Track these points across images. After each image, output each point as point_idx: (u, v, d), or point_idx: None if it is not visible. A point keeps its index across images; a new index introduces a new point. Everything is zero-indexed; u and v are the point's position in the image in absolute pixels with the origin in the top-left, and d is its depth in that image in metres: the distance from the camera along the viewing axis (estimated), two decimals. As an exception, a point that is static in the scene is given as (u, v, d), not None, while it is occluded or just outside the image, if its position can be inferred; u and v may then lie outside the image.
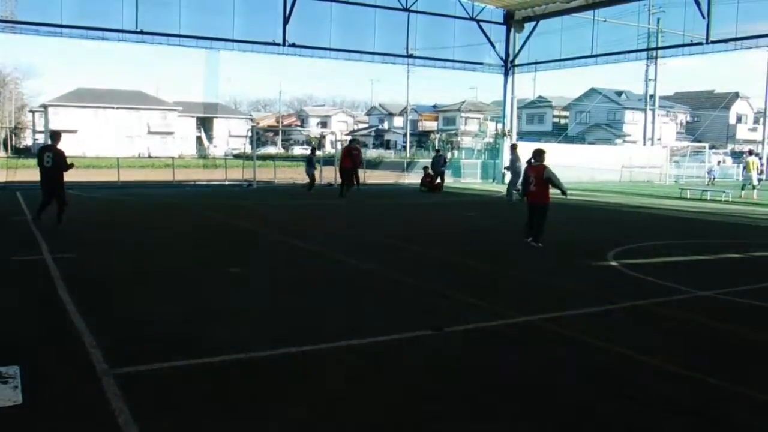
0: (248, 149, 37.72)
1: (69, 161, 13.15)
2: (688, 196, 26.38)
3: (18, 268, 9.10)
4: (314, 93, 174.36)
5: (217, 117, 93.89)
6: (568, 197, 13.30)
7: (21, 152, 68.58)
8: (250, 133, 34.93)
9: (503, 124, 34.89)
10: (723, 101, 74.28)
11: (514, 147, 23.29)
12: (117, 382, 4.75)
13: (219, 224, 15.06)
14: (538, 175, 11.54)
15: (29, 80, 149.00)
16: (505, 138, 33.72)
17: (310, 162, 27.05)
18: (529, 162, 12.02)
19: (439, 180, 26.82)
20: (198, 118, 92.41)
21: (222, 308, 7.05)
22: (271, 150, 79.83)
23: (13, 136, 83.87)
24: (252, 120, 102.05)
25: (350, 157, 23.77)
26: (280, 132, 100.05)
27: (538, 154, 11.75)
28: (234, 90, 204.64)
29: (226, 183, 29.21)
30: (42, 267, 9.00)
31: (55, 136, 13.57)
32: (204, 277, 8.69)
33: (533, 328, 6.58)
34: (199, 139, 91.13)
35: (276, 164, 34.99)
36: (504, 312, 7.03)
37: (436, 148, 27.75)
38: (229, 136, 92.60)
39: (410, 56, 30.22)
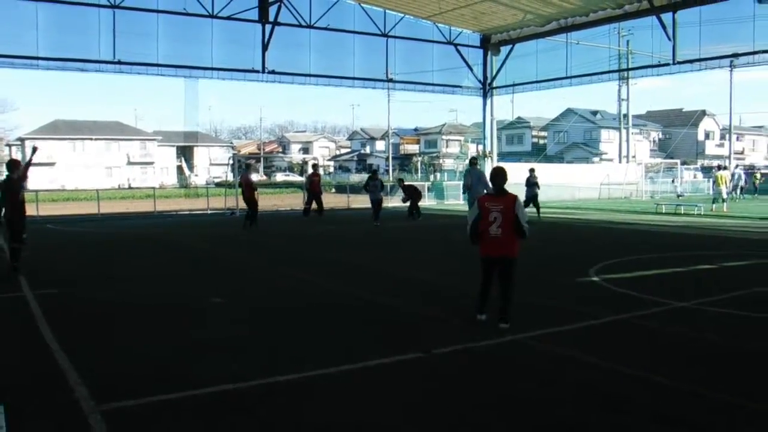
0: (230, 177, 37.60)
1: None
2: (663, 211, 26.70)
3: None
4: (295, 119, 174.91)
5: (197, 145, 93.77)
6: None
7: None
8: (231, 161, 34.99)
9: (484, 145, 35.19)
10: (691, 119, 75.94)
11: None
12: (105, 418, 4.70)
13: (201, 254, 14.97)
14: (507, 209, 7.29)
15: (5, 114, 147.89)
16: (486, 159, 33.95)
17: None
18: (488, 187, 8.14)
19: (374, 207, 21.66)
20: (178, 147, 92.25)
21: (208, 340, 7.01)
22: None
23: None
24: (233, 148, 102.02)
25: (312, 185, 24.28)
26: (262, 159, 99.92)
27: (501, 177, 7.51)
28: (214, 118, 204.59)
29: (209, 212, 29.11)
30: (22, 304, 8.90)
31: (13, 165, 11.05)
32: (188, 309, 8.63)
33: (520, 346, 6.60)
34: (179, 168, 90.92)
35: (259, 191, 34.83)
36: (489, 332, 7.03)
37: (374, 169, 25.24)
38: (210, 164, 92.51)
39: (390, 80, 30.49)
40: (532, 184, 22.82)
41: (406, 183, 26.67)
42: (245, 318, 8.11)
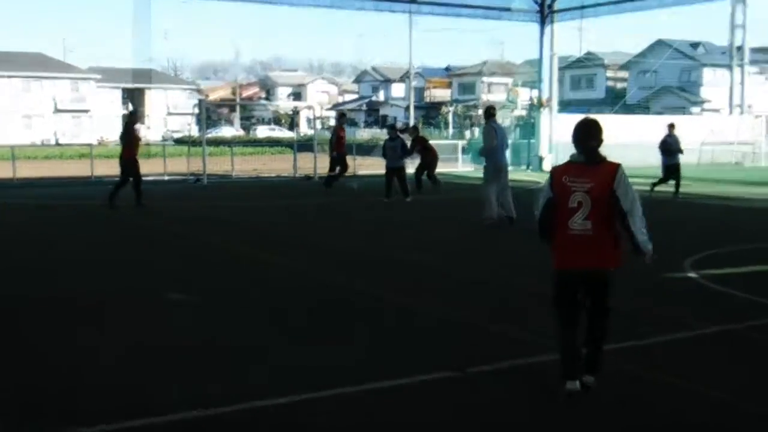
0: (194, 131, 37.72)
1: None
2: (793, 183, 26.53)
3: None
4: (283, 54, 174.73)
5: (150, 87, 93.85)
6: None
7: None
8: (197, 110, 34.90)
9: (539, 90, 34.92)
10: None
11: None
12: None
13: (157, 234, 15.04)
14: (601, 188, 5.66)
15: None
16: (542, 109, 33.72)
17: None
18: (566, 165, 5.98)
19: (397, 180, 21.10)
20: (124, 90, 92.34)
21: (165, 346, 7.07)
22: (226, 132, 79.78)
23: None
24: (199, 91, 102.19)
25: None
26: (238, 107, 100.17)
27: (592, 135, 5.79)
28: (173, 52, 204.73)
29: (166, 178, 29.20)
30: None
31: None
32: (142, 307, 8.69)
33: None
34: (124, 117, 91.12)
35: (234, 151, 35.00)
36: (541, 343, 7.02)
37: (391, 124, 24.87)
38: (168, 114, 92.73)
39: (413, 1, 30.28)
40: (673, 150, 21.68)
41: (420, 135, 26.04)
42: (221, 319, 8.17)
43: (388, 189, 20.51)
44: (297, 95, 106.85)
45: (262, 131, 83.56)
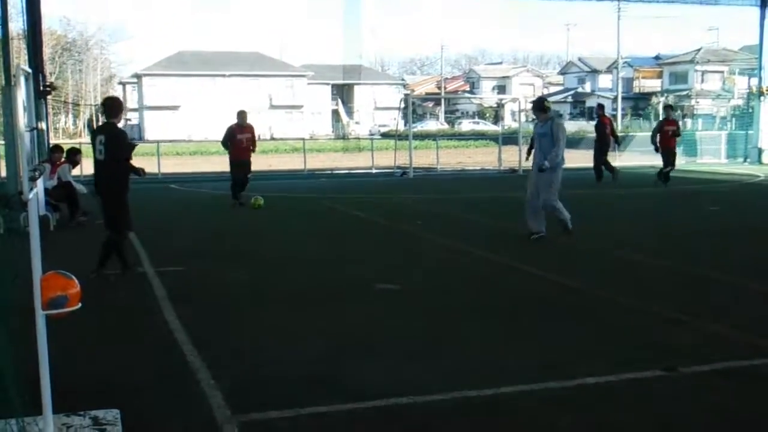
0: (400, 125, 38.27)
1: (132, 144, 10.88)
2: None
3: (115, 283, 9.68)
4: (488, 48, 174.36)
5: (359, 84, 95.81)
6: None
7: None
8: (402, 104, 35.47)
9: (759, 78, 33.16)
10: None
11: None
12: (242, 431, 4.95)
13: (369, 227, 15.38)
14: None
15: (117, 43, 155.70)
16: (762, 98, 31.99)
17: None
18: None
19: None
20: (334, 86, 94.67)
21: (376, 339, 7.20)
22: (431, 126, 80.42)
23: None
24: (405, 86, 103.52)
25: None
26: (443, 101, 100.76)
27: None
28: (381, 47, 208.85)
29: (374, 171, 29.79)
30: (144, 282, 9.59)
31: (113, 107, 10.25)
32: (352, 299, 8.90)
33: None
34: (335, 113, 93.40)
35: (438, 145, 35.29)
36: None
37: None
38: (375, 109, 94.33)
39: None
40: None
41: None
42: (424, 311, 8.26)
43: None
44: (501, 88, 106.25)
45: (466, 125, 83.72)
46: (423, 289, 9.37)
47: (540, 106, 12.98)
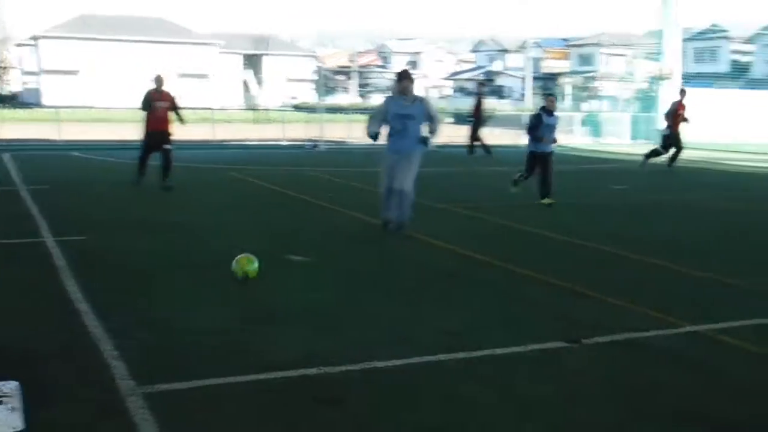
0: (313, 97, 38.14)
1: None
2: None
3: (12, 253, 9.42)
4: (401, 24, 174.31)
5: (269, 54, 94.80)
6: None
7: (4, 100, 65.73)
8: (315, 76, 34.93)
9: (662, 62, 34.01)
10: None
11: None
12: (147, 403, 4.84)
13: (279, 198, 15.26)
14: None
15: (13, 4, 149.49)
16: (663, 82, 32.83)
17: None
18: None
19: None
20: (245, 56, 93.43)
21: (282, 309, 7.14)
22: (342, 100, 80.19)
23: None
24: (316, 58, 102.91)
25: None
26: (356, 75, 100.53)
27: None
28: (292, 20, 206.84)
29: (284, 143, 29.54)
30: (43, 252, 9.30)
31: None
32: (261, 270, 8.78)
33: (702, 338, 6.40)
34: (245, 83, 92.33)
35: (351, 118, 35.20)
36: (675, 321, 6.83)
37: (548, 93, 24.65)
38: (287, 81, 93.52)
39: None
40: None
41: None
42: (334, 282, 8.25)
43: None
44: (413, 64, 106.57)
45: (378, 99, 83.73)
46: (333, 261, 9.36)
47: (409, 74, 11.31)
